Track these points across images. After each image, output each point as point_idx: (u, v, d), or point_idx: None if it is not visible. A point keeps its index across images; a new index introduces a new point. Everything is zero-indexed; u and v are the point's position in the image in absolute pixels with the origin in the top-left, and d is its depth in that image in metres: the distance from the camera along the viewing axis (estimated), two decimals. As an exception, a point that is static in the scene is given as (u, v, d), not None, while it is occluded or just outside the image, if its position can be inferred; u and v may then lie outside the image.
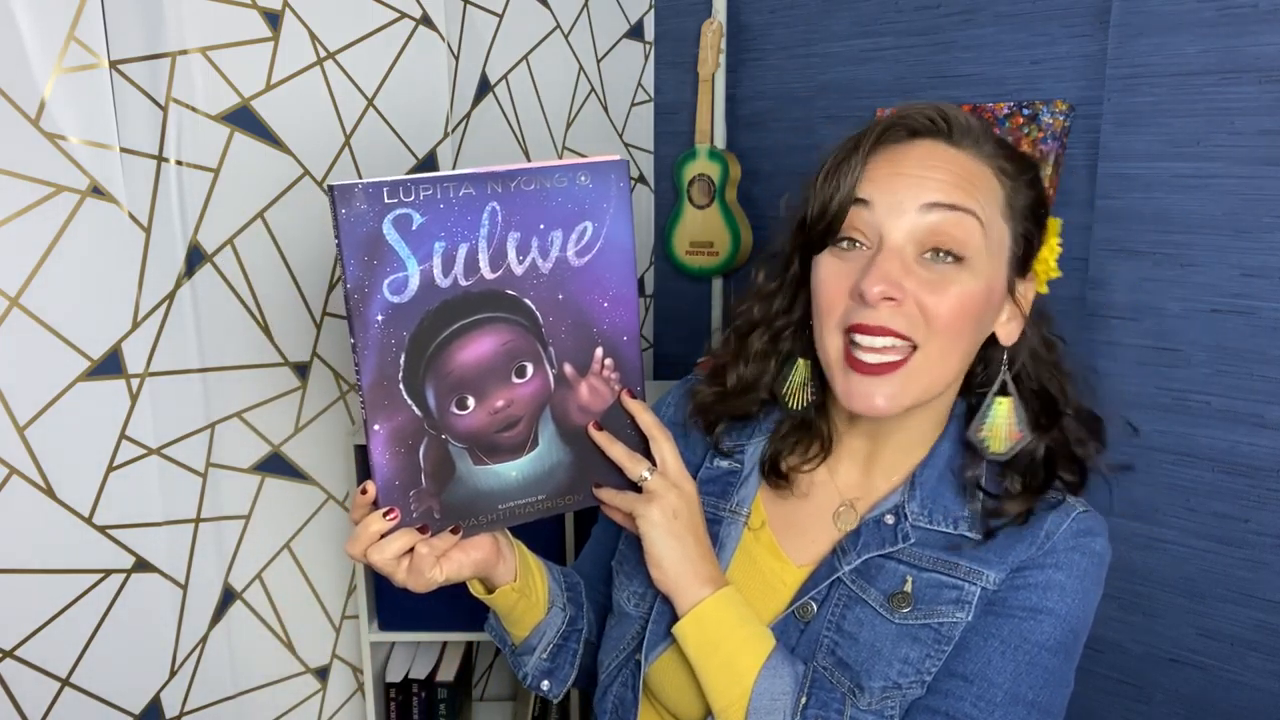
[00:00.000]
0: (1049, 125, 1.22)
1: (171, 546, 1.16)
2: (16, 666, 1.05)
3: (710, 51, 1.57)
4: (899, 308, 0.66)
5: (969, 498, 0.72)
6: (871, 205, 0.68)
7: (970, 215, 0.67)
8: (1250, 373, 1.11)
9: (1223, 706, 1.17)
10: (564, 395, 0.70)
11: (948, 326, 0.67)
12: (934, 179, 0.67)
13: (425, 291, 0.63)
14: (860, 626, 0.70)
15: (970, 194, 0.67)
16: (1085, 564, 0.70)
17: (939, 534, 0.72)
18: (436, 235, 0.63)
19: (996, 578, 0.69)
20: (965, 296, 0.67)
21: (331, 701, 1.40)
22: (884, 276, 0.65)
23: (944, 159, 0.69)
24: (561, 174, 0.65)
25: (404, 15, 1.32)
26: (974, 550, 0.71)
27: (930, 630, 0.69)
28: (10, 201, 1.00)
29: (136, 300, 1.10)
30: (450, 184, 0.62)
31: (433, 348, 0.65)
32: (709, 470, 0.81)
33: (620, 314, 0.69)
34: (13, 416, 1.02)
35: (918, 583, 0.70)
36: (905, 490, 0.74)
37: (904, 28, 1.39)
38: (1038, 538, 0.70)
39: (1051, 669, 0.68)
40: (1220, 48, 1.09)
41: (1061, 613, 0.68)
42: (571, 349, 0.69)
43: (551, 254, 0.66)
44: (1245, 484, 1.13)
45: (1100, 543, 0.71)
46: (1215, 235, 1.12)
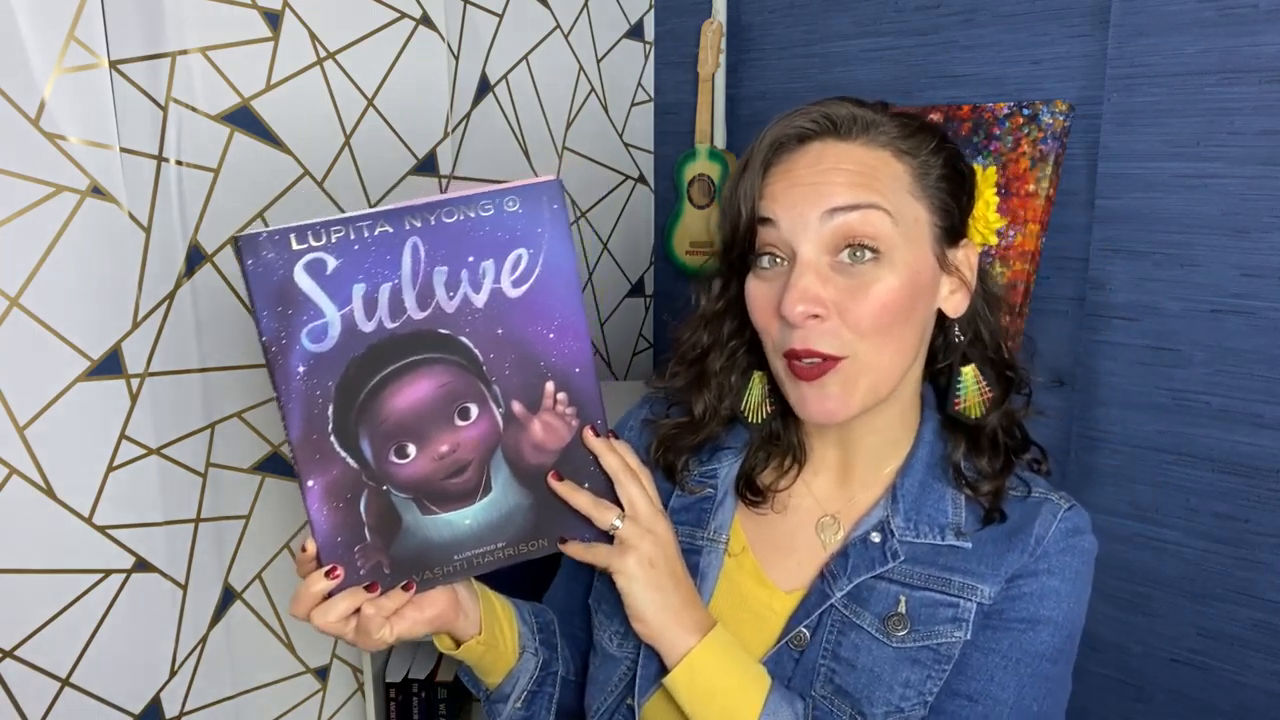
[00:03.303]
0: (1049, 125, 1.22)
1: (171, 546, 1.16)
2: (16, 666, 1.05)
3: (710, 51, 1.57)
4: (823, 323, 0.65)
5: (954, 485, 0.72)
6: (776, 223, 0.67)
7: (874, 209, 0.65)
8: (1250, 373, 1.11)
9: (1223, 706, 1.17)
10: (516, 435, 0.65)
11: (874, 327, 0.66)
12: (830, 182, 0.66)
13: (349, 337, 0.60)
14: (857, 653, 0.69)
15: (870, 187, 0.66)
16: (1077, 564, 0.70)
17: (928, 546, 0.70)
18: (354, 278, 0.59)
19: (991, 591, 0.68)
20: (887, 294, 0.65)
21: (331, 701, 1.40)
22: (801, 295, 0.64)
23: (836, 157, 0.67)
24: (487, 201, 0.61)
25: (404, 15, 1.32)
26: (966, 563, 0.69)
27: (929, 651, 0.68)
28: (10, 201, 1.00)
29: (136, 300, 1.10)
30: (364, 223, 0.58)
31: (363, 395, 0.61)
32: (681, 498, 0.78)
33: (569, 344, 0.64)
34: (13, 416, 1.02)
35: (912, 602, 0.69)
36: (888, 503, 0.72)
37: (904, 28, 1.39)
38: (1029, 545, 0.69)
39: (1053, 677, 0.68)
40: (1220, 48, 1.09)
41: (1059, 619, 0.68)
42: (519, 385, 0.64)
43: (485, 286, 0.62)
44: (1245, 484, 1.13)
45: (1089, 539, 0.71)
46: (1215, 235, 1.12)
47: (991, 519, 0.70)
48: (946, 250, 0.70)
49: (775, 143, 0.69)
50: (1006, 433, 0.73)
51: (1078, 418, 1.25)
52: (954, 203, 0.70)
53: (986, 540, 0.70)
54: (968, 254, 0.71)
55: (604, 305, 1.72)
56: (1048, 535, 0.69)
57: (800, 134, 0.69)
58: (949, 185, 0.69)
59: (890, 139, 0.68)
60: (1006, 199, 1.25)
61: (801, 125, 0.69)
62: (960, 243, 0.71)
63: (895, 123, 0.69)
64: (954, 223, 0.70)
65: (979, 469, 0.72)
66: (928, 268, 0.68)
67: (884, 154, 0.68)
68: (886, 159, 0.68)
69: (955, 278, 0.71)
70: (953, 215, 0.70)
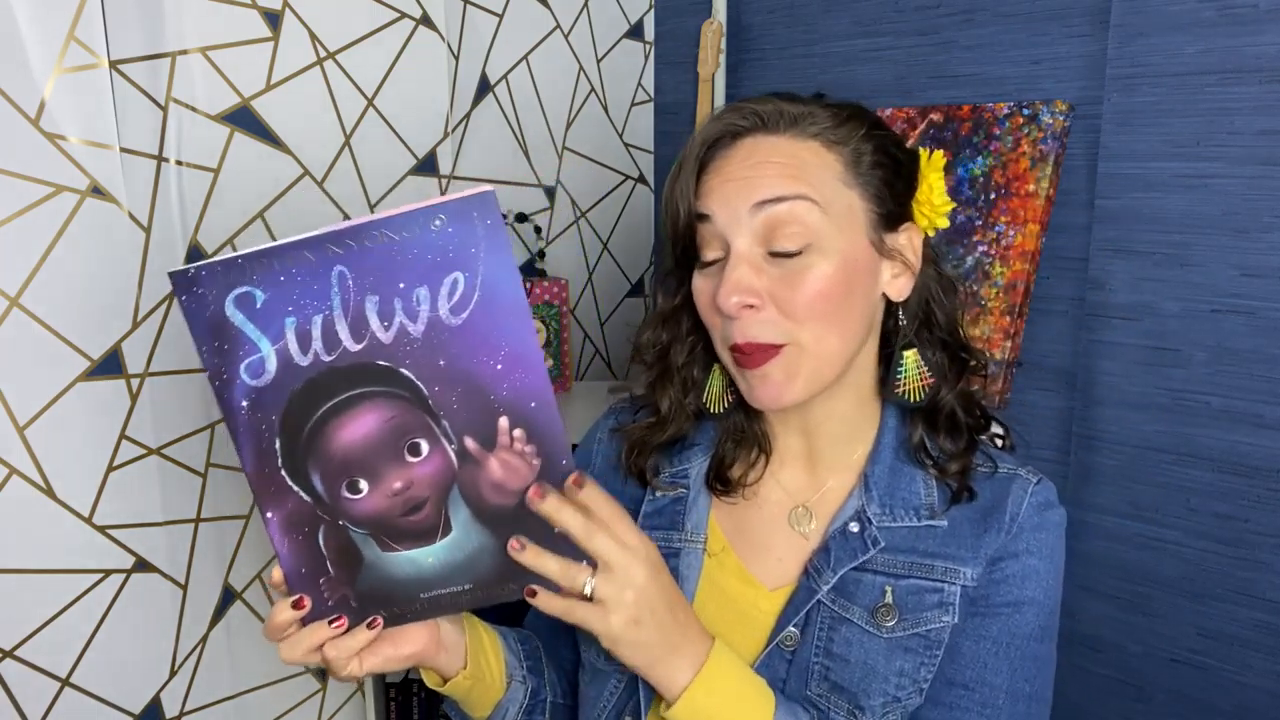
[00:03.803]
0: (1049, 125, 1.22)
1: (171, 546, 1.17)
2: (16, 666, 1.05)
3: (710, 51, 1.57)
4: (759, 313, 0.67)
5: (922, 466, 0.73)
6: (712, 218, 0.69)
7: (802, 200, 0.67)
8: (1250, 373, 1.11)
9: (1223, 706, 1.17)
10: (473, 474, 0.60)
11: (810, 314, 0.67)
12: (759, 175, 0.67)
13: (286, 371, 0.57)
14: (849, 647, 0.69)
15: (798, 178, 0.67)
16: (1052, 540, 0.71)
17: (905, 530, 0.71)
18: (284, 311, 0.56)
19: (973, 573, 0.69)
20: (820, 281, 0.67)
21: (331, 701, 1.40)
22: (735, 286, 0.66)
23: (766, 152, 0.69)
24: (410, 221, 0.54)
25: (404, 15, 1.32)
26: (945, 547, 0.70)
27: (919, 638, 0.69)
28: (10, 201, 1.00)
29: (136, 300, 1.10)
30: (287, 253, 0.55)
31: (308, 430, 0.58)
32: (653, 503, 0.77)
33: (520, 376, 0.57)
34: (13, 416, 1.02)
35: (898, 592, 0.69)
36: (861, 493, 0.73)
37: (904, 28, 1.39)
38: (1004, 523, 0.70)
39: (1040, 656, 0.71)
40: (1220, 48, 1.09)
41: (1041, 598, 0.70)
42: (470, 420, 0.58)
43: (421, 314, 0.56)
44: (1245, 484, 1.13)
45: (1059, 512, 0.73)
46: (1215, 235, 1.12)
47: (960, 497, 0.71)
48: (885, 235, 0.71)
49: (708, 141, 0.71)
50: (967, 412, 0.74)
51: (1078, 418, 1.25)
52: (888, 189, 0.70)
53: (963, 521, 0.71)
54: (910, 238, 0.72)
55: (604, 305, 1.72)
56: (1021, 512, 0.71)
57: (733, 131, 0.71)
58: (882, 171, 0.70)
59: (820, 129, 0.70)
60: (1007, 199, 1.25)
61: (732, 122, 0.71)
62: (901, 227, 0.72)
63: (827, 113, 0.71)
64: (891, 208, 0.71)
65: (943, 449, 0.73)
66: (864, 254, 0.69)
67: (814, 144, 0.69)
68: (816, 149, 0.69)
69: (897, 262, 0.72)
70: (888, 201, 0.71)
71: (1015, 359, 1.25)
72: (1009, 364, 1.24)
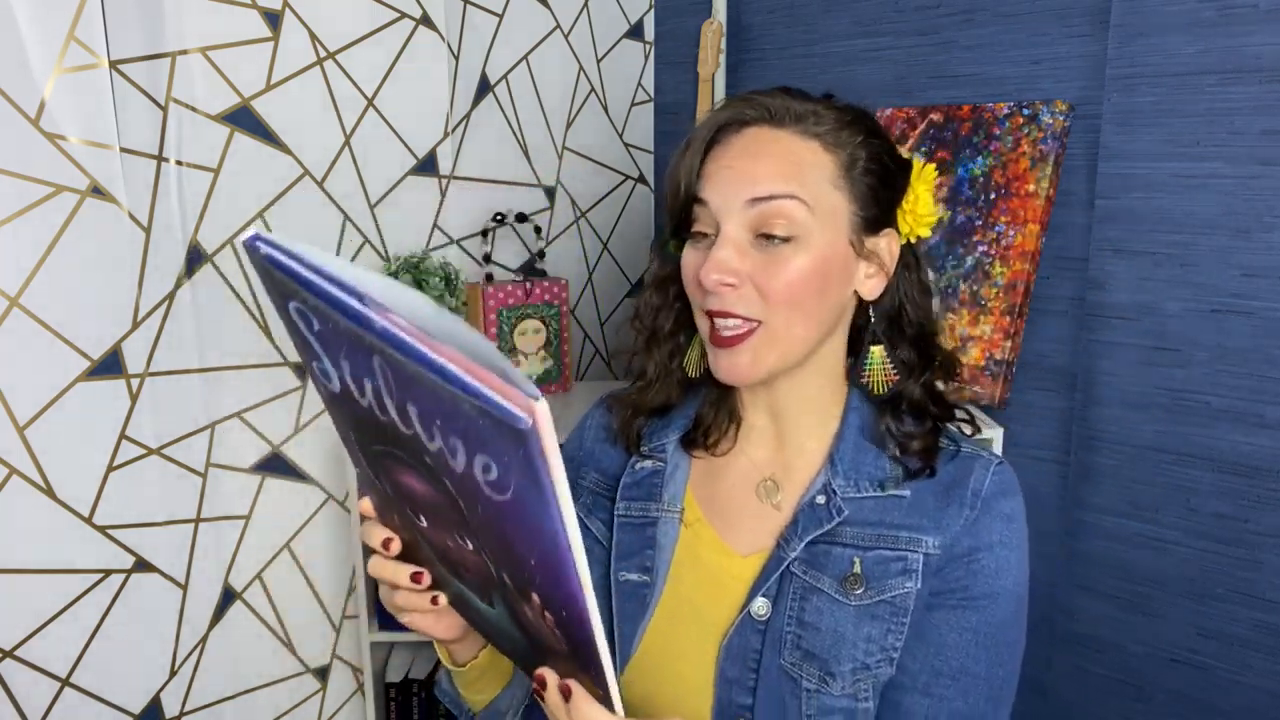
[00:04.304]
0: (1049, 125, 1.22)
1: (171, 546, 1.17)
2: (16, 666, 1.05)
3: (710, 51, 1.57)
4: (737, 291, 0.71)
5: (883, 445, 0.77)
6: (708, 204, 0.73)
7: (791, 199, 0.71)
8: (1250, 373, 1.11)
9: (1223, 706, 1.17)
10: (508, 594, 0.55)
11: (784, 300, 0.71)
12: (757, 170, 0.72)
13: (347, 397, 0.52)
14: (820, 615, 0.72)
15: (792, 177, 0.71)
16: (1018, 528, 0.74)
17: (871, 502, 0.75)
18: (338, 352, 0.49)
19: (935, 542, 0.73)
20: (797, 271, 0.71)
21: (331, 701, 1.40)
22: (717, 265, 0.71)
23: (767, 144, 0.73)
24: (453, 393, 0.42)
25: (404, 15, 1.32)
26: (909, 518, 0.74)
27: (886, 605, 0.72)
28: (10, 201, 1.00)
29: (136, 300, 1.10)
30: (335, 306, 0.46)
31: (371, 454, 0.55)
32: (632, 475, 0.82)
33: (552, 583, 0.50)
34: (13, 416, 1.02)
35: (866, 562, 0.73)
36: (827, 469, 0.77)
37: (904, 28, 1.39)
38: (966, 497, 0.74)
39: (1014, 641, 0.74)
40: (1220, 48, 1.09)
41: (1011, 586, 0.73)
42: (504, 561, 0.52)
43: (459, 458, 0.47)
44: (1245, 484, 1.13)
45: (1015, 499, 0.75)
46: (1215, 235, 1.12)
47: (922, 473, 0.75)
48: (865, 238, 0.75)
49: (716, 125, 0.75)
50: (932, 402, 0.78)
51: (1078, 418, 1.25)
52: (874, 195, 0.74)
53: (925, 494, 0.75)
54: (889, 243, 0.76)
55: (604, 305, 1.72)
56: (985, 489, 0.74)
57: (740, 119, 0.75)
58: (872, 179, 0.74)
59: (822, 130, 0.74)
60: (1007, 199, 1.25)
61: (741, 111, 0.75)
62: (882, 232, 0.76)
63: (831, 115, 0.74)
64: (875, 213, 0.75)
65: (905, 431, 0.77)
66: (841, 253, 0.74)
67: (813, 144, 0.73)
68: (815, 149, 0.73)
69: (873, 264, 0.76)
70: (872, 206, 0.75)
71: (1015, 359, 1.25)
72: (1009, 364, 1.24)
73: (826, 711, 0.71)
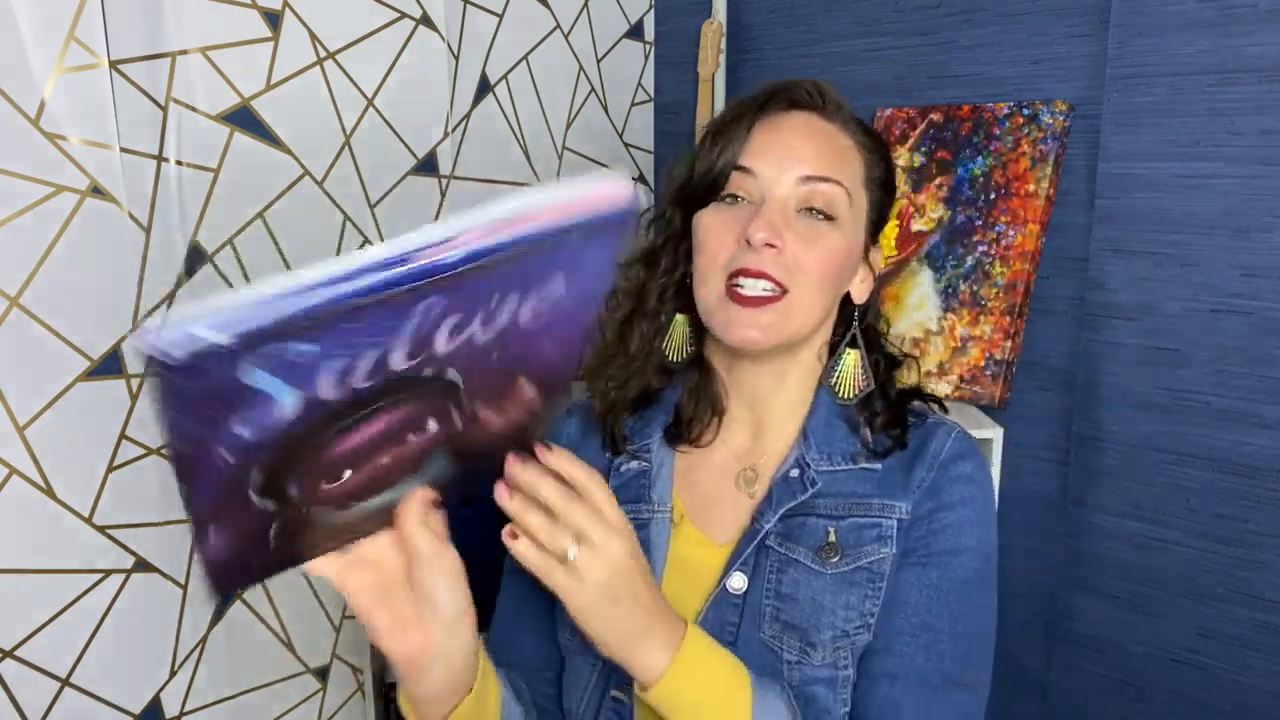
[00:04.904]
0: (1049, 125, 1.22)
1: (171, 546, 1.16)
2: (16, 666, 1.05)
3: (710, 51, 1.57)
4: (778, 255, 0.73)
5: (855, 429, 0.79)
6: (755, 174, 0.75)
7: (838, 186, 0.75)
8: (1250, 373, 1.11)
9: (1223, 706, 1.17)
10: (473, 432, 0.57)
11: (816, 274, 0.74)
12: (809, 151, 0.75)
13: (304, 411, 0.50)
14: (797, 586, 0.73)
15: (838, 166, 0.76)
16: (977, 491, 0.76)
17: (842, 474, 0.77)
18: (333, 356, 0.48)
19: (906, 506, 0.75)
20: (832, 249, 0.75)
21: (331, 701, 1.40)
22: (768, 224, 0.72)
23: (817, 131, 0.77)
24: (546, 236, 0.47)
25: (404, 15, 1.31)
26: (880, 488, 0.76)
27: (863, 571, 0.74)
28: (10, 201, 1.00)
29: (136, 300, 1.10)
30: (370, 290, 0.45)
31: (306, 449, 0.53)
32: (618, 477, 0.81)
33: (557, 353, 0.56)
34: (13, 416, 1.02)
35: (840, 531, 0.75)
36: (800, 444, 0.79)
37: (904, 28, 1.39)
38: (927, 460, 0.76)
39: (980, 601, 0.76)
40: (1220, 48, 1.09)
41: (974, 545, 0.75)
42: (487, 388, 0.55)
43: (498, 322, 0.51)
44: (1245, 484, 1.13)
45: (978, 459, 0.78)
46: (1215, 235, 1.12)
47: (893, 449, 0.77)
48: (870, 243, 0.81)
49: (767, 100, 0.78)
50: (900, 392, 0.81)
51: (1078, 418, 1.25)
52: (880, 207, 0.81)
53: (894, 465, 0.77)
54: (876, 254, 0.83)
55: (604, 305, 1.72)
56: (943, 451, 0.77)
57: (792, 99, 0.78)
58: (885, 188, 0.81)
59: (855, 132, 0.79)
60: (1007, 199, 1.25)
61: (793, 93, 0.78)
62: (876, 243, 0.82)
63: (856, 121, 0.81)
64: (879, 221, 0.81)
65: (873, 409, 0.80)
66: (859, 249, 0.79)
67: (851, 143, 0.79)
68: (852, 148, 0.79)
69: (867, 269, 0.82)
70: (880, 215, 0.81)
71: (1015, 359, 1.25)
72: (1009, 364, 1.24)
73: (808, 682, 0.71)
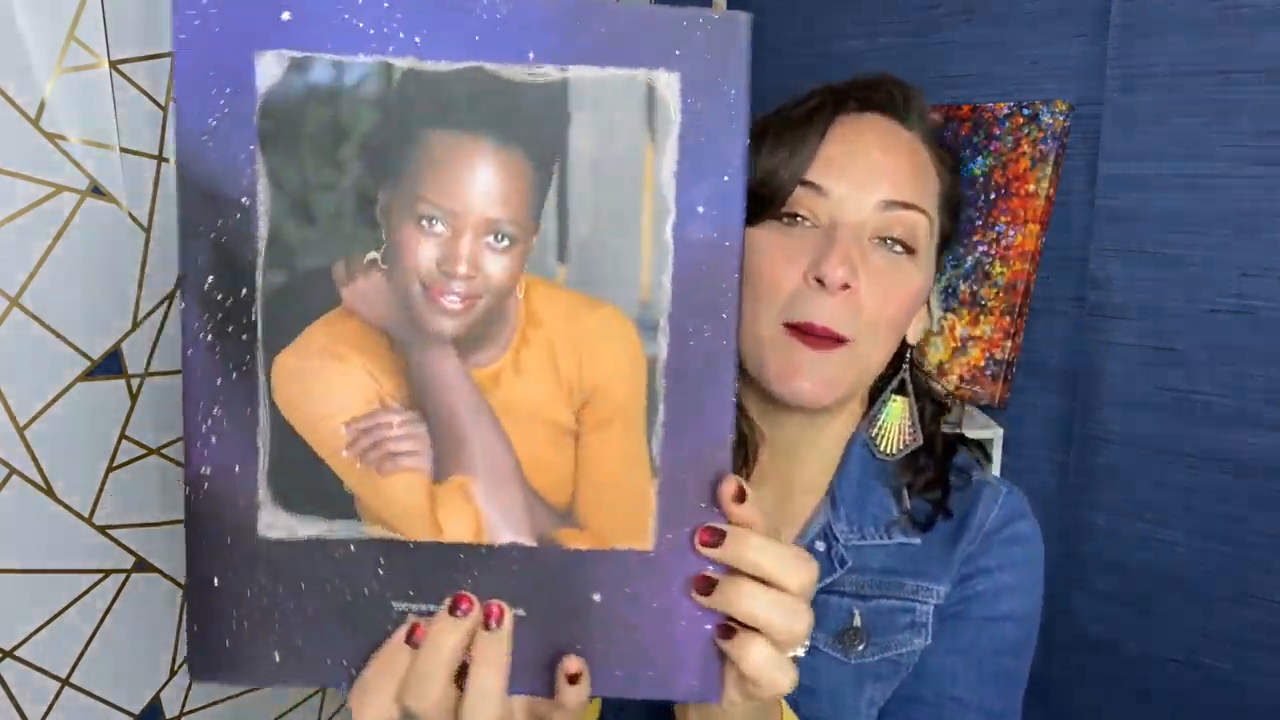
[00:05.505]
0: (1049, 125, 1.22)
1: (171, 546, 1.16)
2: (16, 666, 1.05)
3: (710, 51, 1.57)
4: (851, 297, 0.60)
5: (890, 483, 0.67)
6: (825, 192, 0.61)
7: (922, 213, 0.62)
8: (1250, 373, 1.11)
9: (1223, 707, 1.17)
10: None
11: (888, 321, 0.62)
12: (890, 169, 0.62)
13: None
14: (816, 676, 0.64)
15: (921, 188, 0.63)
16: (1024, 554, 0.67)
17: (875, 548, 0.66)
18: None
19: (944, 590, 0.65)
20: (911, 290, 0.62)
21: (331, 702, 1.40)
22: (845, 259, 0.58)
23: (900, 143, 0.63)
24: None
25: (404, 15, 1.31)
26: (916, 563, 0.65)
27: (890, 664, 0.65)
28: (10, 201, 1.00)
29: (136, 300, 1.10)
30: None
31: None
32: None
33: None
34: (13, 416, 1.02)
35: (866, 614, 0.64)
36: (827, 508, 0.67)
37: (904, 28, 1.39)
38: (970, 528, 0.67)
39: (1013, 672, 0.67)
40: (1220, 48, 1.09)
41: (1017, 615, 0.66)
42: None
43: None
44: (1245, 484, 1.13)
45: (1030, 523, 0.69)
46: (1215, 235, 1.12)
47: (935, 517, 0.66)
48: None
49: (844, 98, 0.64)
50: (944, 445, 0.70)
51: (1078, 418, 1.25)
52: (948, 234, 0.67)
53: (934, 538, 0.66)
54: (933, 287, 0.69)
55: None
56: (989, 521, 0.67)
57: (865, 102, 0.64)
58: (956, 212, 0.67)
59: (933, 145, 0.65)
60: (1007, 199, 1.25)
61: (876, 94, 0.64)
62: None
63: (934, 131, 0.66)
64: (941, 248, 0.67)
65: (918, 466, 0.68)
66: (930, 283, 0.65)
67: (929, 156, 0.65)
68: (932, 164, 0.65)
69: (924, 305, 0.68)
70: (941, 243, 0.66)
71: (1015, 359, 1.25)
72: (1009, 364, 1.24)
73: None
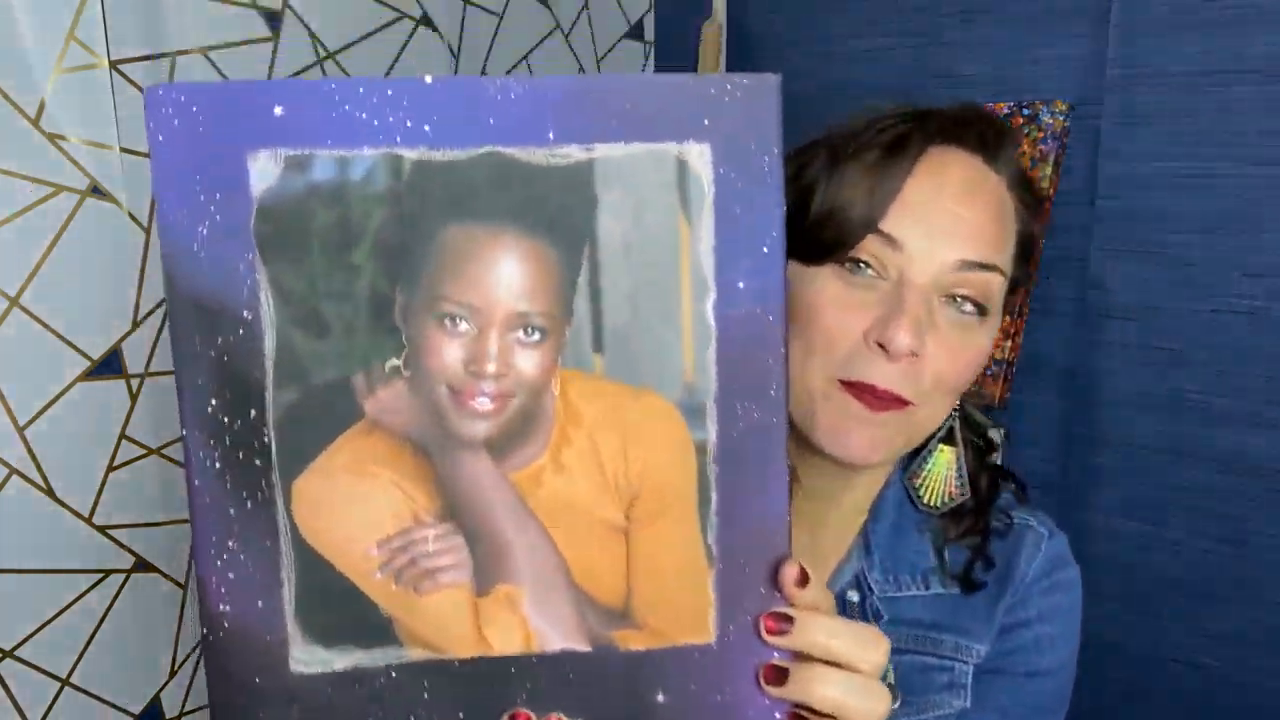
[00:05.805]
0: (1049, 125, 1.22)
1: (171, 546, 1.16)
2: (16, 666, 1.05)
3: (710, 52, 1.57)
4: (915, 363, 0.55)
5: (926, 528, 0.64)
6: (899, 246, 0.55)
7: (998, 274, 0.57)
8: (1250, 373, 1.11)
9: (1223, 707, 1.17)
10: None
11: (951, 387, 0.57)
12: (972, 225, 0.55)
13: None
14: None
15: (1002, 246, 0.57)
16: (1068, 601, 0.65)
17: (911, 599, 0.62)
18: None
19: (984, 649, 0.62)
20: (977, 356, 0.58)
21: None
22: (915, 325, 0.53)
23: (986, 189, 0.57)
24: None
25: (404, 15, 1.31)
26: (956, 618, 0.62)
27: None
28: (10, 201, 1.00)
29: (136, 300, 1.10)
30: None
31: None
32: None
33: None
34: (13, 416, 1.02)
35: (901, 669, 0.61)
36: (860, 554, 0.63)
37: (904, 28, 1.39)
38: (1013, 579, 0.64)
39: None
40: (1220, 48, 1.09)
41: (1056, 666, 0.64)
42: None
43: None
44: (1245, 484, 1.13)
45: (1073, 570, 0.66)
46: (1215, 235, 1.12)
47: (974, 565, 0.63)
48: None
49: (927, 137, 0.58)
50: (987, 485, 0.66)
51: (1078, 418, 1.25)
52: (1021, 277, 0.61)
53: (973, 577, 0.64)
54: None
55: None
56: (1032, 570, 0.64)
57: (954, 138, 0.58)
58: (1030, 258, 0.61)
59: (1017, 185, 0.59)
60: (1006, 199, 1.25)
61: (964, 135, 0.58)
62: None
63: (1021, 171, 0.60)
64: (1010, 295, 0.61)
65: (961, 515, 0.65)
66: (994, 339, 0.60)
67: (1014, 202, 0.59)
68: (1014, 209, 0.59)
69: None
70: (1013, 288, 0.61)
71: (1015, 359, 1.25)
72: (1009, 364, 1.24)
73: None
